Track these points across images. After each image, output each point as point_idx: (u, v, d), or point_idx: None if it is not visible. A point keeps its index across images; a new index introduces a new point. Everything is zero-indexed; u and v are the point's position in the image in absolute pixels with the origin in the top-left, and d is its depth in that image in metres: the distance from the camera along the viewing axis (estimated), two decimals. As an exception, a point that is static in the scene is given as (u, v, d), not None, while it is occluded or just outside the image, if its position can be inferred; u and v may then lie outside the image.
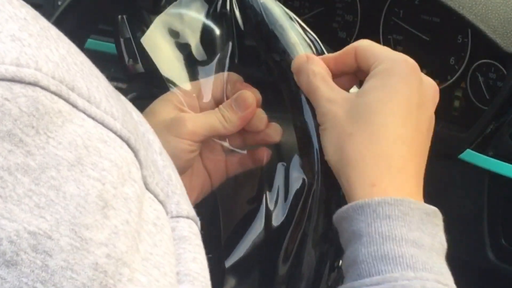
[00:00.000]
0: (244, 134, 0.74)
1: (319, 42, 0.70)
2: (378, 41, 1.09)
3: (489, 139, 0.95)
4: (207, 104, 0.73)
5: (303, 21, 0.72)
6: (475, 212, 0.98)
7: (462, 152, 0.96)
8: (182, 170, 0.69)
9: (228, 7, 0.71)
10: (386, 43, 1.08)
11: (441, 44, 1.03)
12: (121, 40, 0.91)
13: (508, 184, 0.94)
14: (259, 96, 0.73)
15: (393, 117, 0.59)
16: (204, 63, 0.74)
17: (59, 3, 1.30)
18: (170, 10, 0.73)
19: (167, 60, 0.74)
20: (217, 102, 0.74)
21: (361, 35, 1.11)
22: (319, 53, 0.69)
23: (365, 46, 0.63)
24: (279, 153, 0.76)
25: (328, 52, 0.70)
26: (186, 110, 0.72)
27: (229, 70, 0.74)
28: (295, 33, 0.68)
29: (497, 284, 1.06)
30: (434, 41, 1.04)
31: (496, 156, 0.94)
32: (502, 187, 0.95)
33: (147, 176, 0.39)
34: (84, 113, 0.35)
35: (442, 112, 1.05)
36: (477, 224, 0.98)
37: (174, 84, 0.74)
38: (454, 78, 1.02)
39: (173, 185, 0.43)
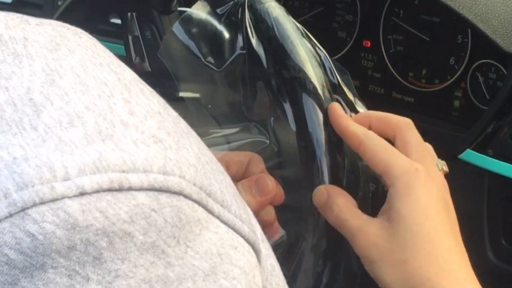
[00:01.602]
0: None
1: (329, 59, 0.70)
2: (378, 41, 1.09)
3: (489, 139, 0.95)
4: None
5: (303, 21, 0.72)
6: (475, 212, 0.98)
7: (462, 152, 0.96)
8: None
9: (239, 18, 0.71)
10: (386, 43, 1.09)
11: (441, 44, 1.03)
12: (129, 37, 0.91)
13: (508, 184, 0.94)
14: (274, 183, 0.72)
15: (436, 233, 0.60)
16: (214, 70, 0.74)
17: (59, 3, 1.30)
18: (182, 17, 0.73)
19: (183, 72, 0.74)
20: (232, 176, 0.72)
21: (361, 35, 1.11)
22: (328, 70, 0.69)
23: (373, 148, 0.63)
24: (280, 154, 0.76)
25: (337, 68, 0.70)
26: None
27: (242, 80, 0.73)
28: (305, 50, 0.68)
29: (497, 284, 1.06)
30: (434, 41, 1.04)
31: (496, 156, 0.94)
32: (502, 187, 0.95)
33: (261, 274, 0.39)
34: (218, 218, 0.35)
35: (442, 112, 1.06)
36: (477, 224, 0.98)
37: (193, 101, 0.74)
38: (454, 78, 1.03)
39: (276, 275, 0.42)
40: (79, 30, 0.37)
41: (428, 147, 0.66)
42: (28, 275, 0.30)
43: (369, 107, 0.80)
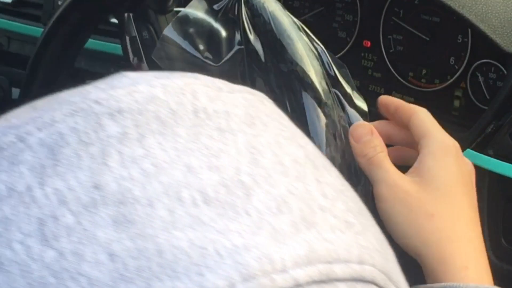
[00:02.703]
0: None
1: (326, 53, 0.70)
2: (378, 41, 1.09)
3: (489, 139, 0.95)
4: None
5: (303, 21, 0.72)
6: (475, 212, 0.98)
7: (462, 152, 0.96)
8: None
9: (236, 14, 0.71)
10: (386, 43, 1.09)
11: (441, 44, 1.04)
12: (127, 38, 0.91)
13: (508, 184, 0.94)
14: None
15: (466, 199, 0.62)
16: (212, 66, 0.74)
17: (59, 3, 1.30)
18: (178, 16, 0.73)
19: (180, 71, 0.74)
20: None
21: (361, 35, 1.11)
22: (325, 64, 0.69)
23: (423, 115, 0.68)
24: None
25: (335, 61, 0.70)
26: None
27: (241, 76, 0.74)
28: (302, 44, 0.68)
29: (497, 284, 1.06)
30: (434, 41, 1.04)
31: (496, 156, 0.94)
32: (502, 187, 0.95)
33: None
34: None
35: (442, 112, 1.06)
36: (477, 224, 0.98)
37: None
38: (454, 78, 1.03)
39: None
40: (261, 95, 0.37)
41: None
42: None
43: (369, 107, 0.80)
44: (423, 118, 0.67)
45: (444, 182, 0.62)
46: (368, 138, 0.66)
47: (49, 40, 0.98)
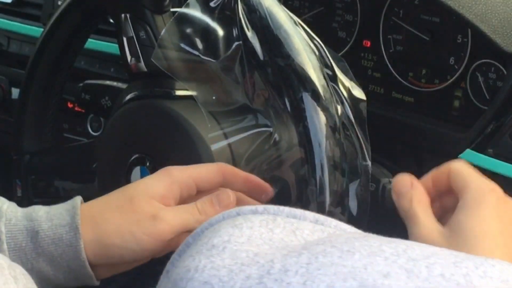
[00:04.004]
0: None
1: (324, 47, 0.70)
2: (378, 41, 1.09)
3: (489, 139, 0.95)
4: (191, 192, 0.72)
5: (303, 21, 0.72)
6: (475, 212, 0.98)
7: (462, 152, 0.96)
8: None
9: (233, 10, 0.71)
10: (386, 43, 1.09)
11: (441, 44, 1.03)
12: (124, 39, 0.91)
13: (508, 184, 0.94)
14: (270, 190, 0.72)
15: (491, 253, 0.60)
16: (212, 62, 0.74)
17: (59, 3, 1.30)
18: (175, 17, 0.73)
19: (181, 72, 0.74)
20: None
21: (361, 35, 1.11)
22: (323, 57, 0.69)
23: (458, 168, 0.65)
24: (281, 142, 0.76)
25: (332, 55, 0.70)
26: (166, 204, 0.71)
27: (241, 71, 0.74)
28: (299, 39, 0.68)
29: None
30: (434, 41, 1.04)
31: (496, 156, 0.94)
32: (502, 187, 0.95)
33: None
34: None
35: (442, 112, 1.06)
36: (477, 224, 0.98)
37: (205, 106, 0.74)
38: (454, 78, 1.03)
39: None
40: None
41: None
42: None
43: (369, 107, 0.80)
44: (458, 171, 0.65)
45: (473, 235, 0.60)
46: (405, 190, 0.65)
47: (48, 40, 0.98)
